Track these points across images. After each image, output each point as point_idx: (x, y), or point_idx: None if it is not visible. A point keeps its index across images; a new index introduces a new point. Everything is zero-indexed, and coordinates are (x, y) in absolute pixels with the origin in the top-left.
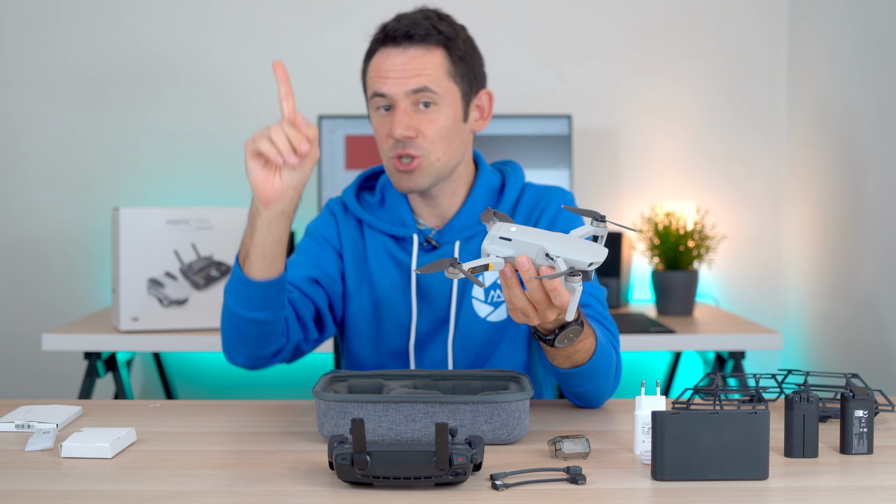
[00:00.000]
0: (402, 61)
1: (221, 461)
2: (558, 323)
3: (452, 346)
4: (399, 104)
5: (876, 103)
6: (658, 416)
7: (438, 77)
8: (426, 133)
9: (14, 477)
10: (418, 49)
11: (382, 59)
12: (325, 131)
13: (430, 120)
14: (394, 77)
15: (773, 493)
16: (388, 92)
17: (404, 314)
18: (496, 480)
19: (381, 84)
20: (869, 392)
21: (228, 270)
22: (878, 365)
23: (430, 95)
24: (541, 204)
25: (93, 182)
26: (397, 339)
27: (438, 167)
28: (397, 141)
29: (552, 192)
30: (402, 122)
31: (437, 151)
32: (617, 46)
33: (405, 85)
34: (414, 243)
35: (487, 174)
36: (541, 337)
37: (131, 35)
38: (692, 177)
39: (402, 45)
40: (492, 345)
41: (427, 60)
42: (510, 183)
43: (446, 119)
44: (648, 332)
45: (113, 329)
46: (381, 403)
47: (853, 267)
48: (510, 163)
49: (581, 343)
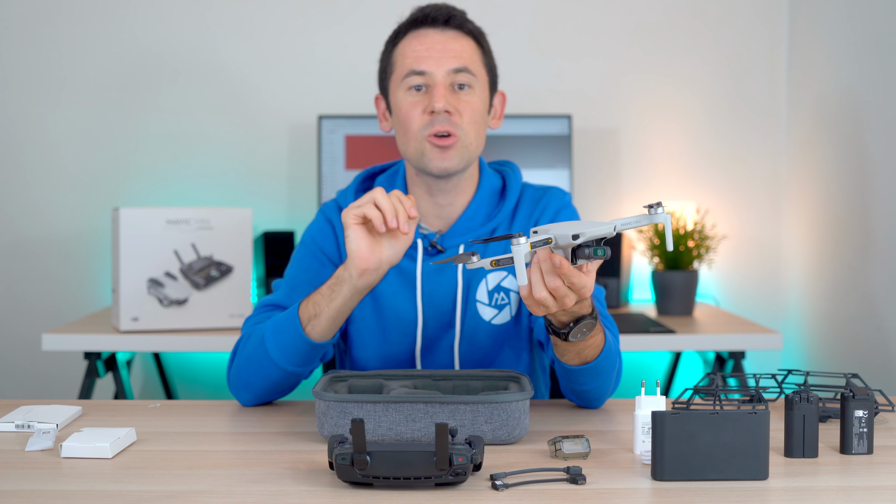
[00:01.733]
0: (442, 40)
1: (221, 461)
2: (573, 316)
3: (459, 350)
4: (438, 82)
5: (876, 103)
6: (658, 416)
7: (475, 61)
8: (462, 113)
9: (14, 477)
10: (455, 33)
11: (419, 38)
12: (325, 131)
13: (467, 101)
14: (435, 55)
15: (773, 493)
16: (428, 69)
17: (409, 320)
18: (496, 480)
19: (421, 62)
20: (869, 392)
21: (228, 270)
22: (878, 365)
23: (468, 77)
24: (541, 204)
25: (93, 182)
26: (402, 345)
27: (471, 151)
28: (435, 116)
29: (551, 192)
30: (443, 95)
31: (471, 134)
32: (617, 46)
33: (446, 63)
34: (418, 248)
35: (489, 175)
36: (555, 331)
37: (131, 35)
38: (692, 177)
39: (440, 26)
40: (496, 348)
41: (464, 43)
42: (511, 184)
43: (479, 103)
44: (648, 332)
45: (113, 329)
46: (381, 403)
47: (853, 267)
48: (508, 163)
49: (592, 339)
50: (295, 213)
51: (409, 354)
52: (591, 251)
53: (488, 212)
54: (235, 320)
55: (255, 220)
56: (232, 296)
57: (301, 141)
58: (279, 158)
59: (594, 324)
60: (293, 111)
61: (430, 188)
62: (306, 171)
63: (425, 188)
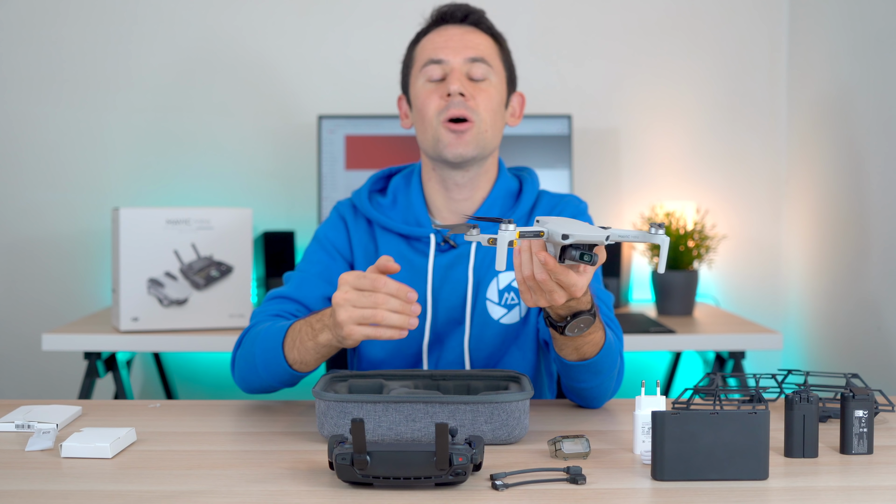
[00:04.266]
0: (460, 33)
1: (221, 461)
2: (570, 310)
3: (469, 346)
4: (455, 69)
5: (876, 103)
6: (658, 416)
7: (492, 54)
8: (478, 100)
9: (14, 477)
10: (474, 28)
11: (439, 33)
12: (324, 131)
13: (483, 90)
14: (452, 46)
15: (773, 493)
16: (445, 58)
17: (418, 316)
18: (496, 480)
19: (439, 52)
20: (869, 392)
21: (228, 270)
22: (878, 365)
23: (485, 68)
24: (556, 210)
25: (93, 182)
26: (410, 340)
27: (486, 139)
28: (451, 100)
29: (567, 198)
30: (458, 79)
31: (486, 121)
32: (617, 46)
33: (463, 53)
34: (431, 243)
35: (507, 177)
36: (553, 324)
37: (130, 35)
38: (692, 177)
39: (458, 23)
40: (503, 347)
41: (482, 38)
42: (527, 188)
43: (496, 94)
44: (648, 332)
45: (113, 329)
46: (381, 403)
47: (853, 267)
48: (527, 169)
49: (591, 335)
50: (295, 213)
51: (415, 350)
52: (578, 255)
53: (502, 212)
54: (235, 320)
55: (255, 220)
56: (232, 296)
57: (301, 141)
58: (279, 158)
59: (592, 320)
60: (293, 111)
61: (445, 182)
62: (306, 171)
63: (441, 183)
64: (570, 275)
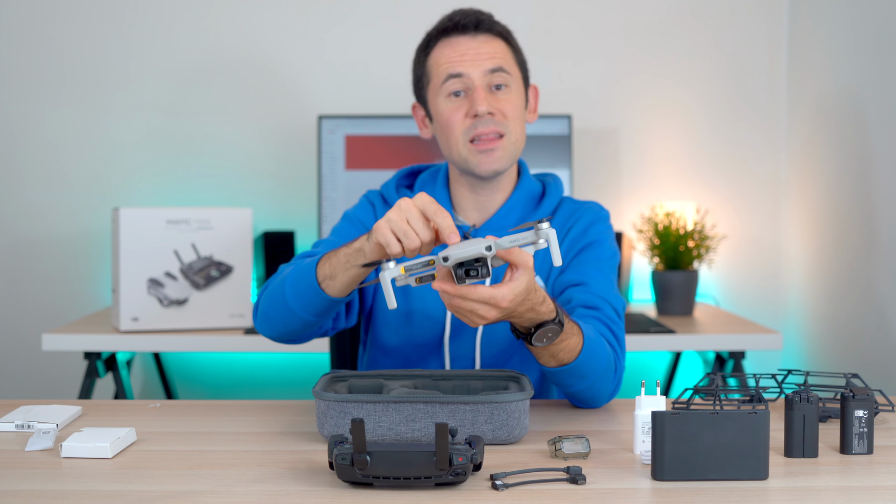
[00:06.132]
0: (475, 45)
1: (221, 461)
2: (532, 322)
3: (480, 342)
4: (476, 84)
5: (876, 103)
6: (658, 416)
7: (508, 59)
8: (505, 112)
9: (14, 477)
10: (486, 36)
11: (451, 45)
12: (325, 131)
13: (506, 99)
14: (470, 59)
15: (773, 493)
16: (465, 72)
17: (437, 308)
18: (496, 480)
19: (456, 66)
20: (869, 392)
21: (228, 270)
22: (878, 365)
23: (504, 76)
24: (575, 216)
25: (93, 182)
26: (427, 331)
27: (516, 147)
28: (478, 120)
29: (587, 205)
30: (484, 98)
31: (516, 131)
32: (617, 46)
33: (482, 65)
34: None
35: (530, 179)
36: (519, 334)
37: (130, 35)
38: (692, 177)
39: (471, 32)
40: (514, 345)
41: (496, 45)
42: (550, 193)
43: (518, 100)
44: (648, 332)
45: (113, 329)
46: (381, 403)
47: (853, 267)
48: (552, 175)
49: (564, 342)
50: (295, 214)
51: (433, 341)
52: (464, 272)
53: (523, 214)
54: (235, 320)
55: (255, 220)
56: (232, 296)
57: (301, 141)
58: (279, 158)
59: (559, 329)
60: (293, 111)
61: (473, 186)
62: (306, 171)
63: (468, 186)
64: (479, 291)
